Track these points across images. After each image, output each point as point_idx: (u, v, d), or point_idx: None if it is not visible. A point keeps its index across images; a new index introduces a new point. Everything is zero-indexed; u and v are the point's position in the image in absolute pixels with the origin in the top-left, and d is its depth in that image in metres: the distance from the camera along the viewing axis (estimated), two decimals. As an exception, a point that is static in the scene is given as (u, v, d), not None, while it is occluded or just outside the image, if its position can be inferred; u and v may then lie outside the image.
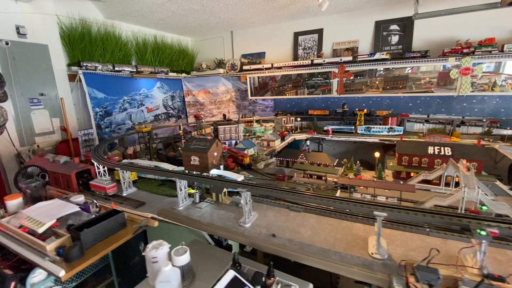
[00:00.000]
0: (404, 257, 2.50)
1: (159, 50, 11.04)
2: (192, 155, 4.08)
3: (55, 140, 7.71)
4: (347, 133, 9.07)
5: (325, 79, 11.19)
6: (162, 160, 6.11)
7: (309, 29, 10.72)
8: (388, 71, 10.08)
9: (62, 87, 7.83)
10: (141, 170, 4.23)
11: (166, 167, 4.62)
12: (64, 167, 4.62)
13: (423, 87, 10.05)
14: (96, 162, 4.69)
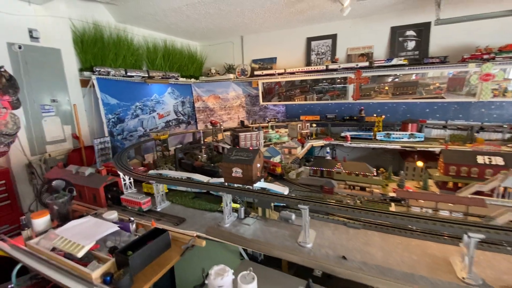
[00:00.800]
0: (500, 282, 2.27)
1: (169, 55, 10.79)
2: (234, 167, 3.81)
3: (66, 148, 7.34)
4: (365, 140, 8.88)
5: (332, 84, 11.10)
6: (186, 170, 5.80)
7: (322, 34, 10.63)
8: (396, 77, 10.05)
9: (74, 93, 7.50)
10: (181, 183, 3.93)
11: (201, 178, 4.34)
12: (90, 180, 4.29)
13: (433, 93, 10.00)
14: (124, 173, 4.38)
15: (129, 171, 4.39)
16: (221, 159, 6.93)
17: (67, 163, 7.27)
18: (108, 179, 4.25)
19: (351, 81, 9.85)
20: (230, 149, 4.04)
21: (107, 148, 6.87)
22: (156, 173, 4.79)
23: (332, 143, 9.16)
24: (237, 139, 7.19)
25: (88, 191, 4.24)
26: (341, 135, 9.27)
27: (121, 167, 4.53)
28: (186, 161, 5.77)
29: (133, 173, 4.23)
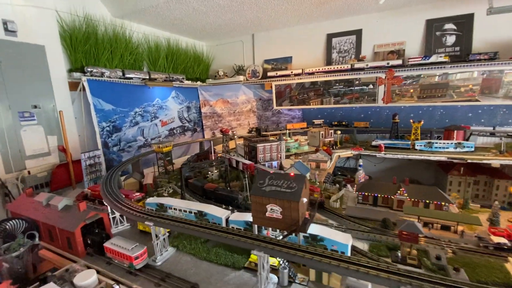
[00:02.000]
0: None
1: (173, 55, 9.65)
2: (269, 203, 2.56)
3: (51, 163, 6.15)
4: (402, 150, 7.58)
5: (349, 87, 9.87)
6: (195, 194, 4.56)
7: (345, 30, 9.43)
8: (415, 79, 8.81)
9: (61, 98, 6.34)
10: (192, 231, 2.65)
11: (216, 213, 3.10)
12: (64, 217, 3.06)
13: (464, 96, 8.72)
14: (112, 206, 3.15)
15: (119, 205, 3.16)
16: (237, 176, 5.85)
17: (52, 180, 6.08)
18: (89, 215, 3.01)
19: (381, 81, 8.61)
20: (261, 175, 2.80)
21: (98, 164, 5.67)
22: (155, 203, 3.55)
23: (362, 153, 7.87)
24: (254, 151, 5.94)
25: (61, 233, 3.01)
26: (372, 144, 7.97)
27: (110, 199, 3.32)
28: (196, 182, 4.52)
29: (124, 209, 3.01)
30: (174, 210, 3.44)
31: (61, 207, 3.18)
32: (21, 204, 3.50)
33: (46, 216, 3.11)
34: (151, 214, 2.89)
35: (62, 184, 6.20)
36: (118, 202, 3.28)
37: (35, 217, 3.12)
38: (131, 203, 3.30)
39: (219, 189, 4.15)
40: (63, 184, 6.21)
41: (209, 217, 3.17)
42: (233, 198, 3.94)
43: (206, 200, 4.31)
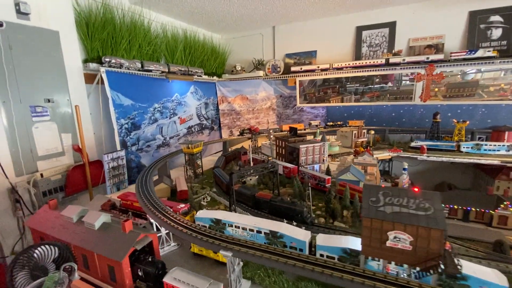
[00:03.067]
0: None
1: (190, 48, 8.95)
2: (393, 230, 1.93)
3: (65, 165, 5.47)
4: (446, 152, 6.97)
5: (367, 85, 9.25)
6: (240, 202, 3.91)
7: (377, 22, 8.80)
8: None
9: (76, 91, 5.65)
10: (285, 267, 2.00)
11: (295, 234, 2.46)
12: (104, 239, 2.39)
13: (495, 95, 8.15)
14: (161, 224, 2.52)
15: (171, 222, 2.51)
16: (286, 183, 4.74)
17: (67, 184, 5.41)
18: (138, 238, 2.34)
19: (419, 78, 7.97)
20: (368, 189, 2.15)
21: (121, 167, 5.00)
22: (209, 219, 2.90)
23: (401, 155, 7.25)
24: (295, 153, 5.29)
25: (101, 261, 2.34)
26: (411, 145, 7.35)
27: (156, 213, 2.65)
28: (243, 190, 3.86)
29: (179, 228, 2.35)
30: (236, 228, 2.77)
31: (98, 226, 2.50)
32: (44, 219, 2.82)
33: (80, 238, 2.44)
34: (226, 240, 2.23)
35: (78, 188, 5.53)
36: (167, 218, 2.62)
37: (65, 239, 2.44)
38: (182, 219, 2.64)
39: (276, 199, 3.48)
40: (79, 188, 5.54)
41: (287, 239, 2.52)
42: (297, 212, 3.29)
43: (257, 213, 3.66)
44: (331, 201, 3.43)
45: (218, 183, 4.81)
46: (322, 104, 9.78)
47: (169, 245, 2.94)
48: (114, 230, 2.49)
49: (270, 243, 2.63)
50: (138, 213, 3.51)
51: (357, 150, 6.54)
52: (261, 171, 3.93)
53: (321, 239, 2.48)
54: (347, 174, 4.43)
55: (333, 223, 3.40)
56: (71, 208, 2.83)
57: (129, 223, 2.42)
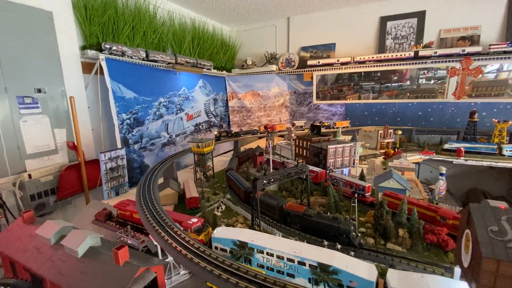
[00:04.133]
0: None
1: (199, 39, 8.27)
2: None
3: (58, 164, 4.81)
4: (486, 155, 6.17)
5: (383, 83, 8.47)
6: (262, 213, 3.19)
7: (403, 12, 8.02)
8: None
9: (72, 81, 4.99)
10: None
11: (355, 270, 1.73)
12: (91, 271, 1.69)
13: None
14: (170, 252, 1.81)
15: (183, 246, 1.81)
16: (314, 190, 3.90)
17: (59, 187, 4.74)
18: (137, 273, 1.63)
19: (453, 72, 7.17)
20: (486, 211, 1.41)
21: (121, 167, 4.31)
22: (231, 241, 2.19)
23: (433, 158, 6.46)
24: (321, 154, 4.56)
25: (82, 304, 1.63)
26: (444, 148, 6.56)
27: (159, 230, 1.95)
28: (268, 200, 3.13)
29: (195, 257, 1.64)
30: (269, 256, 2.05)
31: (82, 252, 1.80)
32: (16, 238, 2.13)
33: (58, 269, 1.74)
34: (259, 280, 1.52)
35: (73, 191, 4.87)
36: (176, 241, 1.90)
37: (37, 270, 1.74)
38: (195, 243, 1.93)
39: (312, 214, 2.75)
40: (73, 190, 4.88)
41: (344, 277, 1.79)
42: (341, 231, 2.56)
43: (285, 229, 2.95)
44: (383, 217, 2.69)
45: (233, 189, 4.10)
46: (341, 102, 9.02)
47: (178, 273, 2.24)
48: (104, 260, 1.78)
49: (318, 279, 1.90)
50: (139, 227, 2.81)
51: (387, 152, 5.77)
52: (290, 176, 3.20)
53: (395, 278, 1.74)
54: (389, 181, 3.68)
55: (385, 245, 2.66)
56: (50, 225, 2.13)
57: (124, 251, 1.72)
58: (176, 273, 2.26)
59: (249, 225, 3.09)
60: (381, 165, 5.85)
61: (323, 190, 3.94)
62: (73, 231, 1.99)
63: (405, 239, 2.64)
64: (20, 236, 2.20)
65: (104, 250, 1.89)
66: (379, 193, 3.68)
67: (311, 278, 1.94)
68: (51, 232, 2.03)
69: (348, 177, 3.92)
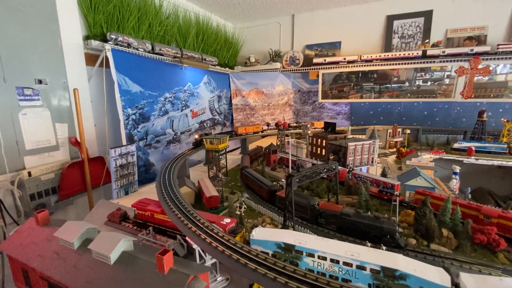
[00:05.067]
0: None
1: (203, 34, 8.01)
2: None
3: (59, 161, 4.47)
4: (496, 154, 6.17)
5: (382, 84, 8.46)
6: (297, 215, 2.98)
7: (410, 11, 8.00)
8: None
9: (74, 72, 4.67)
10: None
11: (426, 275, 1.56)
12: (128, 281, 1.40)
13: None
14: (216, 257, 1.58)
15: (233, 249, 1.60)
16: (327, 188, 3.55)
17: (61, 185, 4.41)
18: (189, 281, 1.40)
19: (462, 72, 7.17)
20: None
21: (131, 165, 4.03)
22: (274, 243, 1.99)
23: (444, 157, 6.42)
24: (341, 152, 4.40)
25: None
26: (454, 147, 6.53)
27: (199, 233, 1.74)
28: (298, 199, 2.93)
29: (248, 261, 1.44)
30: (321, 260, 1.85)
31: (115, 258, 1.55)
32: (28, 243, 1.85)
33: (85, 279, 1.51)
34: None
35: (75, 190, 4.54)
36: (223, 245, 1.68)
37: (60, 279, 1.49)
38: (244, 247, 1.71)
39: (351, 213, 2.57)
40: (76, 190, 4.55)
41: (413, 282, 1.60)
42: (385, 231, 2.39)
43: (318, 230, 2.76)
44: (426, 217, 2.53)
45: (252, 187, 3.89)
46: (346, 100, 8.93)
47: (215, 280, 2.00)
48: (143, 267, 1.54)
49: (380, 286, 1.71)
50: (162, 228, 2.56)
51: (400, 151, 5.67)
52: (320, 173, 3.01)
53: (472, 282, 1.57)
54: (416, 179, 3.55)
55: (428, 246, 2.50)
56: (71, 226, 1.87)
57: (169, 257, 1.48)
58: (212, 280, 2.02)
59: (277, 226, 2.89)
60: (394, 164, 5.75)
61: (347, 189, 3.77)
62: (102, 234, 1.74)
63: (450, 239, 2.49)
64: (34, 240, 1.93)
65: (139, 255, 1.65)
66: (406, 192, 3.54)
67: (371, 284, 1.75)
68: (74, 235, 1.77)
69: (374, 175, 3.77)
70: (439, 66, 7.59)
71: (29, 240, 1.94)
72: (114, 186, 3.73)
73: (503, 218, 2.49)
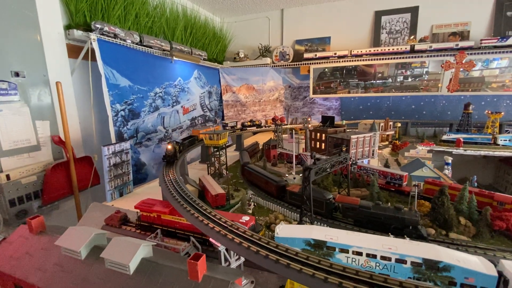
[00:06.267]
0: None
1: (192, 28, 7.69)
2: None
3: (42, 162, 4.05)
4: (482, 145, 6.43)
5: (367, 80, 8.65)
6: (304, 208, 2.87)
7: (397, 6, 8.14)
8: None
9: (55, 65, 4.24)
10: None
11: (470, 265, 1.49)
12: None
13: (500, 91, 7.97)
14: (258, 260, 1.41)
15: (268, 249, 1.43)
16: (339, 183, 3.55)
17: (44, 189, 3.99)
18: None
19: (448, 66, 7.40)
20: None
21: (126, 164, 3.71)
22: (302, 240, 1.86)
23: (434, 149, 6.59)
24: (342, 144, 4.35)
25: None
26: (443, 139, 6.73)
27: (226, 233, 1.57)
28: (314, 194, 2.79)
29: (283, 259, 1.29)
30: (356, 255, 1.74)
31: (134, 267, 1.34)
32: (20, 254, 1.59)
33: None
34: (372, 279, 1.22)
35: (60, 194, 4.14)
36: (258, 245, 1.53)
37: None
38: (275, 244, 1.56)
39: (371, 205, 2.49)
40: (61, 193, 4.15)
41: (458, 273, 1.53)
42: (406, 222, 2.32)
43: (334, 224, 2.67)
44: (444, 206, 2.50)
45: (257, 184, 3.72)
46: (338, 95, 8.97)
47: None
48: (170, 275, 1.34)
49: (422, 279, 1.62)
50: (171, 230, 2.34)
51: (395, 143, 5.74)
52: (334, 165, 2.91)
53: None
54: (422, 169, 3.55)
55: (447, 235, 2.48)
56: (74, 233, 1.62)
57: (202, 262, 1.29)
58: (236, 284, 1.84)
59: (290, 223, 2.75)
60: (390, 156, 5.83)
61: (354, 182, 3.72)
62: (116, 240, 1.50)
63: (468, 227, 2.48)
64: (29, 251, 1.65)
65: (162, 262, 1.44)
66: (412, 183, 3.54)
67: (412, 278, 1.66)
68: (81, 243, 1.53)
69: (381, 167, 3.73)
70: (419, 63, 7.86)
71: (22, 251, 1.66)
72: (108, 188, 3.41)
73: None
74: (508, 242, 2.39)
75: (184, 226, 2.25)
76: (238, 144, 6.61)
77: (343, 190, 3.22)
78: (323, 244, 1.82)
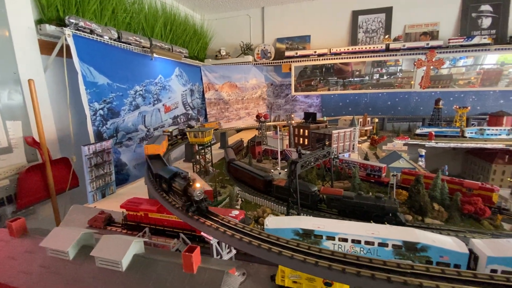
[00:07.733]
0: None
1: (171, 24, 7.54)
2: None
3: (14, 165, 3.83)
4: (451, 138, 6.91)
5: (345, 78, 9.05)
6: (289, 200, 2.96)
7: (373, 7, 8.47)
8: None
9: (26, 62, 4.02)
10: None
11: (445, 244, 1.66)
12: (148, 286, 1.22)
13: (466, 88, 8.67)
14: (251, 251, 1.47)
15: (260, 239, 1.49)
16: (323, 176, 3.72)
17: (19, 193, 3.77)
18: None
19: (420, 64, 7.83)
20: None
21: (107, 164, 3.60)
22: (291, 230, 1.93)
23: (409, 142, 6.97)
24: (325, 139, 4.49)
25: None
26: (416, 133, 7.14)
27: (220, 227, 1.60)
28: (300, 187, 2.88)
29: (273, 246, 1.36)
30: (341, 242, 1.84)
31: (127, 264, 1.35)
32: (1, 258, 1.53)
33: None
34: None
35: (36, 198, 3.94)
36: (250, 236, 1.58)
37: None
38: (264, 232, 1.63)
39: (353, 196, 2.62)
40: (36, 197, 3.95)
41: (433, 252, 1.68)
42: (386, 210, 2.48)
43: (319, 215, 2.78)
44: (420, 193, 2.68)
45: (244, 180, 3.76)
46: (318, 92, 9.19)
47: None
48: (164, 269, 1.35)
49: (402, 259, 1.75)
50: (159, 228, 2.32)
51: (373, 138, 6.02)
52: (319, 159, 3.02)
53: (484, 247, 1.68)
54: (399, 161, 3.77)
55: (423, 220, 2.66)
56: (60, 233, 1.57)
57: (197, 254, 1.31)
58: (228, 276, 1.88)
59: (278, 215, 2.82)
60: (369, 150, 6.09)
61: (337, 174, 3.87)
62: (106, 238, 1.48)
63: (441, 212, 2.68)
64: (11, 255, 1.58)
65: (155, 257, 1.44)
66: (390, 173, 3.74)
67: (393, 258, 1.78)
68: (68, 243, 1.49)
69: (361, 160, 3.91)
70: (394, 61, 8.27)
71: (3, 255, 1.59)
72: (90, 189, 3.30)
73: (483, 189, 2.76)
74: (476, 224, 2.61)
75: (172, 224, 2.24)
76: (223, 142, 6.61)
77: (326, 183, 3.35)
78: (311, 233, 1.90)
